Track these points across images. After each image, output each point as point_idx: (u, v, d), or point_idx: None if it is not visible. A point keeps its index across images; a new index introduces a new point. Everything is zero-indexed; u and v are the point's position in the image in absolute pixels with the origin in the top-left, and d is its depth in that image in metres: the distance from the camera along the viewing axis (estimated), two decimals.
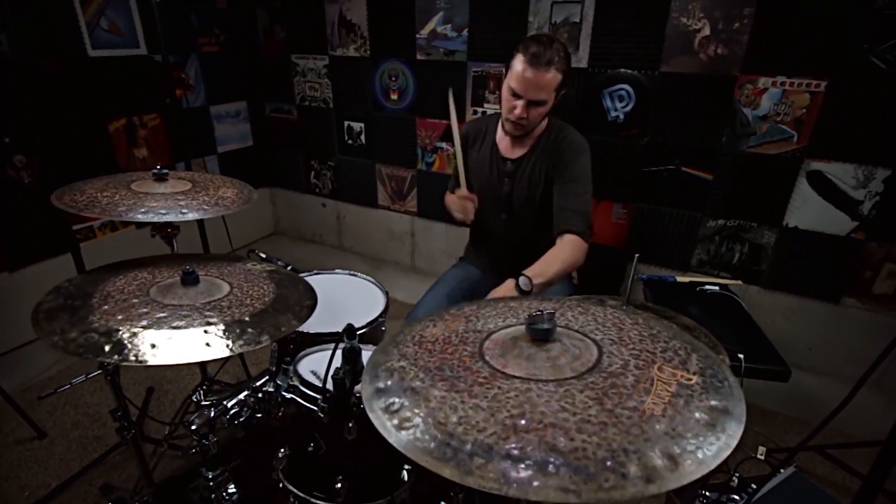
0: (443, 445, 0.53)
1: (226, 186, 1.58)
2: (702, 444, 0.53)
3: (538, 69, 1.37)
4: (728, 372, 0.67)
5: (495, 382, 0.63)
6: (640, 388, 0.61)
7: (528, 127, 1.51)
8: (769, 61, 2.05)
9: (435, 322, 0.83)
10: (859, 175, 2.05)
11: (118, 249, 2.82)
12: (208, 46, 3.10)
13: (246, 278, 1.16)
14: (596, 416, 0.56)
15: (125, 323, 0.96)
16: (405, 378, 0.67)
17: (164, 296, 1.10)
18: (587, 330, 0.77)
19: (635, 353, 0.69)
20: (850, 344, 2.29)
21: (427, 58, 2.75)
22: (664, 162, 2.37)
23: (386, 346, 0.78)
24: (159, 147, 2.93)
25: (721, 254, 2.42)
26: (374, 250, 3.48)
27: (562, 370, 0.65)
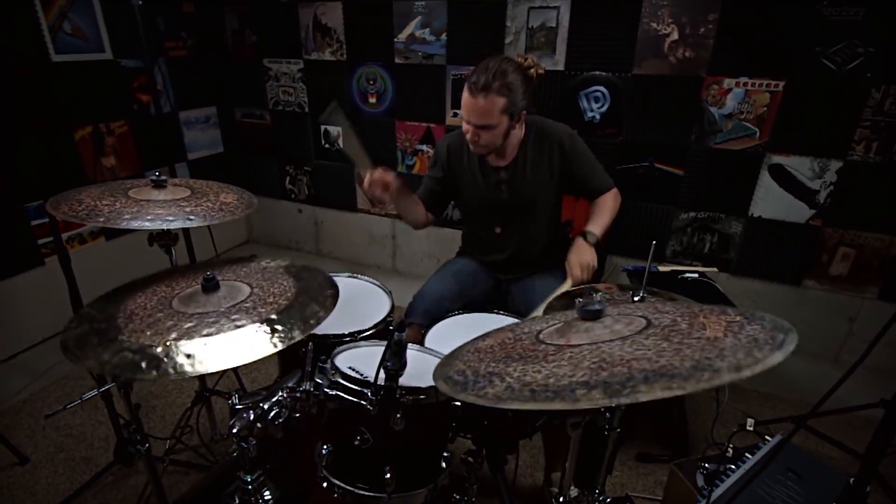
0: (540, 392, 0.57)
1: (225, 193, 1.56)
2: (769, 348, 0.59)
3: (474, 96, 1.42)
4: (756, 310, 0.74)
5: (566, 351, 0.68)
6: (695, 327, 0.67)
7: (490, 147, 1.55)
8: (733, 63, 2.20)
9: (483, 338, 0.87)
10: (815, 167, 2.24)
11: (112, 257, 2.74)
12: (176, 51, 3.02)
13: (263, 277, 1.16)
14: (669, 348, 0.62)
15: (156, 337, 0.95)
16: (479, 370, 0.70)
17: (188, 305, 1.09)
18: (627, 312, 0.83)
19: (678, 314, 0.76)
20: (811, 322, 2.49)
21: (406, 61, 2.78)
22: (639, 159, 2.50)
23: (444, 361, 0.81)
24: (127, 155, 2.82)
25: (693, 244, 2.57)
26: (354, 255, 3.46)
27: (621, 333, 0.70)
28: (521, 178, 1.65)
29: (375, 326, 1.51)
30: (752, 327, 0.65)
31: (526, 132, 1.64)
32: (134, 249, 2.65)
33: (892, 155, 2.10)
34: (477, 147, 1.55)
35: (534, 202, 1.68)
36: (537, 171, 1.64)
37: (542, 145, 1.63)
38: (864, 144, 2.14)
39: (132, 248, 2.75)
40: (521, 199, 1.67)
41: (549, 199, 1.71)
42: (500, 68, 1.42)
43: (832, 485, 1.41)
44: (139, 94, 2.82)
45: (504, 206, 1.69)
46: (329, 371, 0.99)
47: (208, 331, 0.96)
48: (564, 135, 1.62)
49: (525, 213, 1.70)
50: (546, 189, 1.68)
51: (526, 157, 1.64)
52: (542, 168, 1.64)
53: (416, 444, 0.97)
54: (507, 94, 1.43)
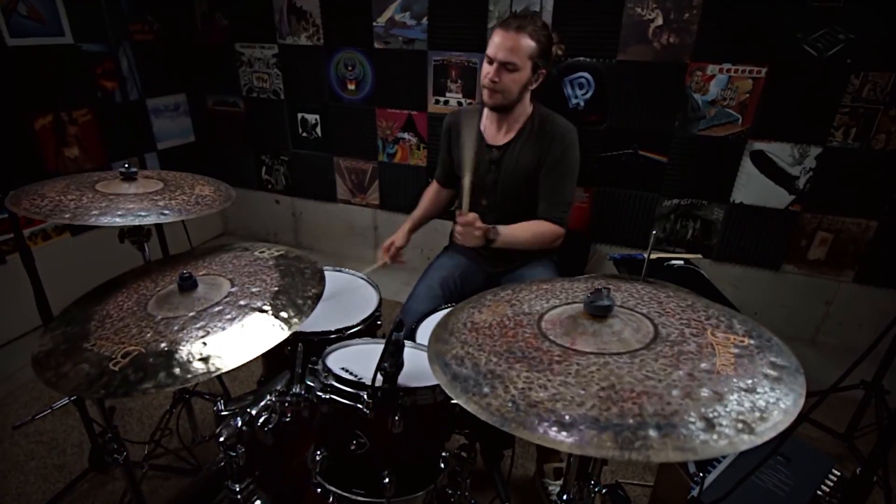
0: (547, 419, 0.54)
1: (200, 185, 1.48)
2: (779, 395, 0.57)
3: (507, 30, 1.45)
4: (769, 332, 0.73)
5: (571, 359, 0.65)
6: (704, 352, 0.65)
7: (506, 96, 1.52)
8: (716, 49, 2.20)
9: (479, 309, 0.84)
10: (795, 153, 2.26)
11: (79, 254, 2.61)
12: (141, 34, 2.86)
13: (249, 270, 1.10)
14: (678, 381, 0.60)
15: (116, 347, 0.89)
16: (479, 363, 0.67)
17: (161, 307, 1.03)
18: (630, 305, 0.80)
19: (685, 323, 0.74)
20: (790, 307, 2.54)
21: (385, 46, 2.70)
22: (622, 147, 2.49)
23: (440, 334, 0.77)
24: (92, 145, 2.67)
25: (676, 231, 2.58)
26: (334, 246, 3.39)
27: (629, 343, 0.68)
28: (509, 161, 1.63)
29: (363, 322, 1.46)
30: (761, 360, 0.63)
31: (532, 114, 1.62)
32: (102, 246, 2.53)
33: (869, 140, 2.14)
34: (493, 93, 1.52)
35: (518, 187, 1.65)
36: (527, 158, 1.61)
37: (541, 136, 1.60)
38: (842, 130, 2.17)
39: (100, 245, 2.63)
40: (506, 182, 1.65)
41: (534, 188, 1.67)
42: (534, 17, 1.49)
43: (819, 466, 1.44)
44: (103, 80, 2.67)
45: (490, 185, 1.67)
46: (321, 373, 0.94)
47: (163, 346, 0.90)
48: (565, 133, 1.59)
49: (509, 195, 1.67)
50: (531, 179, 1.64)
51: (521, 142, 1.61)
52: (532, 157, 1.60)
53: (415, 446, 0.94)
54: (538, 40, 1.46)
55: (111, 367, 0.88)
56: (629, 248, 2.69)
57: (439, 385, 0.70)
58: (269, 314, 0.91)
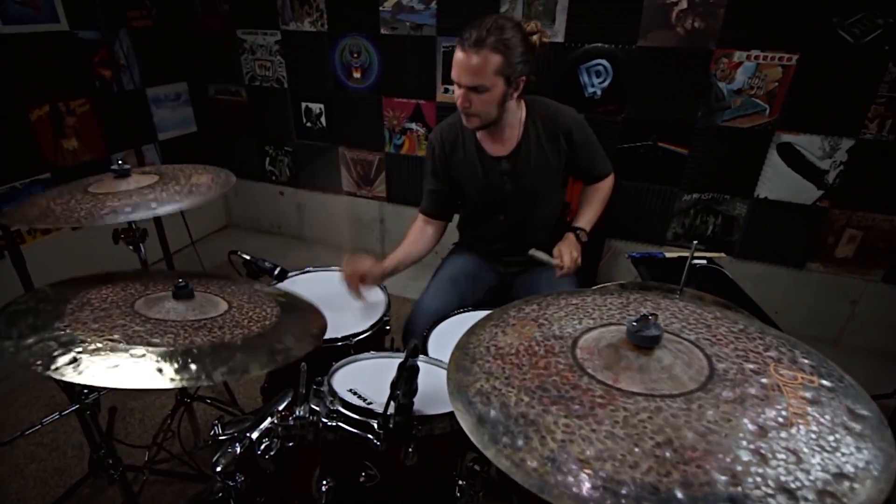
0: (599, 491, 0.46)
1: (198, 174, 1.40)
2: (867, 458, 0.49)
3: (466, 52, 1.26)
4: (834, 366, 0.64)
5: (617, 402, 0.56)
6: (771, 396, 0.56)
7: (483, 118, 1.38)
8: (744, 35, 2.07)
9: (503, 329, 0.75)
10: (825, 146, 2.14)
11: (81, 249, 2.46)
12: (139, 21, 2.76)
13: (250, 299, 1.02)
14: (746, 436, 0.51)
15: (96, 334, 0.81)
16: (508, 403, 0.58)
17: (150, 309, 0.95)
18: (675, 328, 0.71)
19: (741, 354, 0.65)
20: (813, 306, 2.44)
21: (392, 32, 2.58)
22: (641, 138, 2.37)
23: (460, 360, 0.68)
24: (91, 136, 2.59)
25: (695, 227, 2.47)
26: (340, 239, 3.31)
27: (681, 381, 0.59)
28: (524, 168, 1.50)
29: (372, 328, 1.39)
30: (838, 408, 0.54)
31: (528, 115, 1.49)
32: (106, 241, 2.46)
33: None
34: (469, 117, 1.38)
35: (538, 193, 1.55)
36: (542, 160, 1.49)
37: (547, 132, 1.48)
38: (877, 122, 2.04)
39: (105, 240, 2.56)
40: (525, 190, 1.53)
41: (555, 187, 1.58)
42: (496, 24, 1.26)
43: None
44: (100, 69, 2.58)
45: (507, 198, 1.55)
46: (327, 396, 0.86)
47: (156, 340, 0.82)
48: (573, 122, 1.48)
49: (529, 203, 1.56)
50: (551, 179, 1.55)
51: (529, 145, 1.48)
52: (548, 157, 1.49)
53: (430, 477, 0.86)
54: (504, 51, 1.26)
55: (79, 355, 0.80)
56: (645, 245, 2.59)
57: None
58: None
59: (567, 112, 1.50)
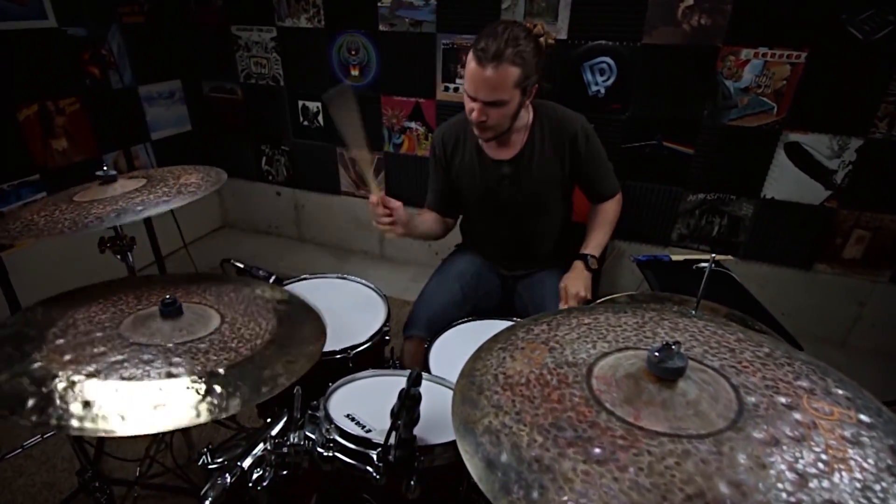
0: None
1: (187, 174, 1.34)
2: None
3: (485, 67, 1.20)
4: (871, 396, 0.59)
5: (640, 444, 0.51)
6: (808, 435, 0.52)
7: (497, 130, 1.34)
8: (752, 32, 2.02)
9: (512, 353, 0.70)
10: (834, 145, 2.09)
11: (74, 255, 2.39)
12: (131, 16, 2.69)
13: (246, 309, 0.97)
14: (785, 486, 0.46)
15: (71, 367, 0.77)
16: (520, 444, 0.53)
17: (136, 330, 0.90)
18: (696, 352, 0.66)
19: (771, 385, 0.60)
20: (820, 308, 2.39)
21: (391, 29, 2.52)
22: (646, 137, 2.32)
23: (466, 391, 0.63)
24: (82, 136, 2.52)
25: (700, 227, 2.43)
26: (338, 240, 3.25)
27: (709, 418, 0.54)
28: (526, 174, 1.44)
29: (371, 339, 1.34)
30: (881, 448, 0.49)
31: (535, 119, 1.43)
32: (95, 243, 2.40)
33: None
34: (484, 131, 1.34)
35: (540, 200, 1.50)
36: (545, 166, 1.44)
37: (553, 138, 1.43)
38: (887, 121, 1.99)
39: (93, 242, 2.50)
40: (525, 196, 1.48)
41: (558, 194, 1.52)
42: (511, 34, 1.21)
43: None
44: (91, 66, 2.51)
45: (506, 203, 1.50)
46: (322, 423, 0.81)
47: (132, 372, 0.78)
48: (580, 129, 1.42)
49: (530, 210, 1.51)
50: (554, 186, 1.49)
51: (533, 150, 1.43)
52: (552, 164, 1.44)
53: None
54: (521, 63, 1.22)
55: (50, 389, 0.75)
56: (649, 246, 2.54)
57: None
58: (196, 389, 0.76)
59: (576, 118, 1.44)
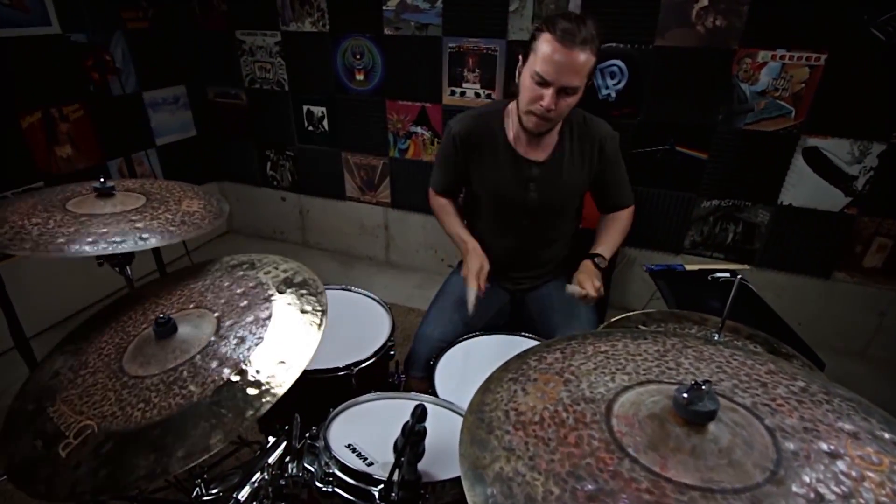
0: None
1: (188, 198, 1.30)
2: None
3: (572, 49, 1.13)
4: None
5: (669, 500, 0.46)
6: (856, 491, 0.46)
7: (556, 122, 1.30)
8: (769, 34, 1.95)
9: (524, 386, 0.65)
10: (855, 150, 2.02)
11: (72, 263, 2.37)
12: (135, 22, 2.67)
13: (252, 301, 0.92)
14: None
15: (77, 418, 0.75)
16: (534, 496, 0.48)
17: (134, 360, 0.87)
18: (725, 389, 0.61)
19: (810, 428, 0.54)
20: (839, 317, 2.32)
21: (396, 32, 2.48)
22: (658, 142, 2.26)
23: (475, 430, 0.58)
24: (86, 143, 2.51)
25: (714, 234, 2.36)
26: (343, 246, 3.21)
27: (744, 469, 0.49)
28: (554, 178, 1.39)
29: (376, 354, 1.29)
30: None
31: (565, 123, 1.38)
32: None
33: None
34: (545, 122, 1.26)
35: (561, 205, 1.45)
36: (574, 171, 1.39)
37: (583, 143, 1.38)
38: None
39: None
40: (550, 201, 1.42)
41: (577, 201, 1.49)
42: (591, 23, 1.18)
43: None
44: (95, 72, 2.49)
45: (529, 207, 1.43)
46: (322, 454, 0.77)
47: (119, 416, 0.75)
48: (607, 136, 1.39)
49: (550, 214, 1.46)
50: (577, 193, 1.46)
51: (563, 154, 1.38)
52: (579, 169, 1.39)
53: None
54: (596, 52, 1.19)
55: (59, 453, 0.72)
56: (661, 253, 2.48)
57: None
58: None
59: (603, 124, 1.41)
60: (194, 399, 0.71)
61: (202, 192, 1.32)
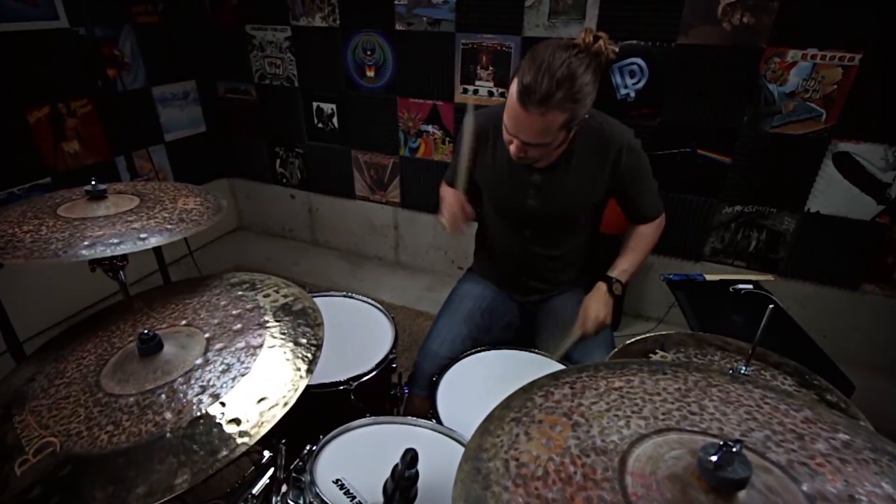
0: None
1: (185, 196, 1.26)
2: None
3: (528, 110, 1.04)
4: None
5: None
6: None
7: (537, 162, 1.21)
8: (800, 32, 1.84)
9: (527, 428, 0.58)
10: (889, 156, 1.91)
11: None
12: (145, 16, 2.63)
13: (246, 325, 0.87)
14: None
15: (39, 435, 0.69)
16: None
17: (114, 374, 0.82)
18: (756, 442, 0.54)
19: (857, 497, 0.47)
20: (867, 331, 2.21)
21: (408, 28, 2.41)
22: (679, 144, 2.16)
23: (470, 484, 0.52)
24: (93, 139, 2.48)
25: (736, 241, 2.26)
26: (352, 245, 3.16)
27: None
28: (558, 186, 1.30)
29: (376, 368, 1.24)
30: None
31: (578, 133, 1.25)
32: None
33: None
34: (519, 160, 1.20)
35: (568, 217, 1.35)
36: (581, 179, 1.29)
37: (596, 151, 1.27)
38: None
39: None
40: (551, 210, 1.33)
41: (589, 209, 1.38)
42: (568, 70, 1.02)
43: None
44: (103, 67, 2.46)
45: (530, 215, 1.35)
46: (307, 491, 0.71)
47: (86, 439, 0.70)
48: (626, 145, 1.25)
49: (555, 224, 1.37)
50: (586, 204, 1.34)
51: (571, 161, 1.27)
52: (588, 177, 1.29)
53: None
54: (573, 106, 1.06)
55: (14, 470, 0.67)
56: (680, 260, 2.38)
57: None
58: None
59: (623, 131, 1.27)
60: (167, 429, 0.65)
61: (197, 190, 1.27)
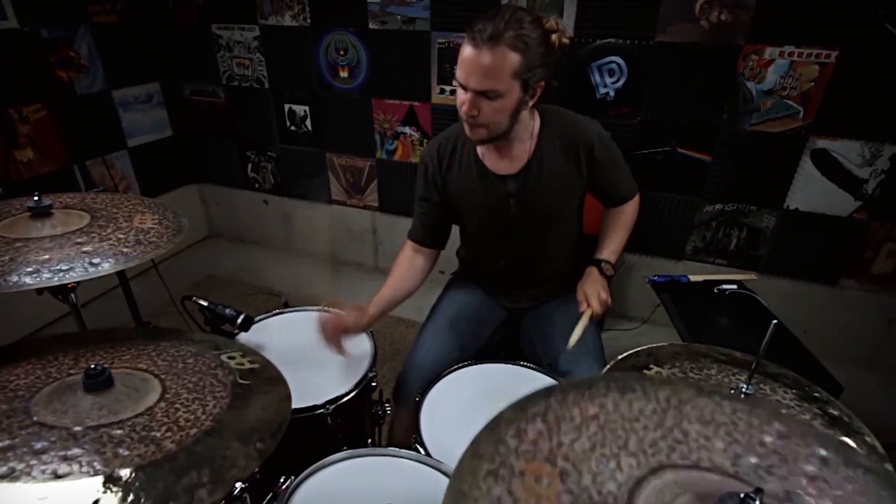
0: None
1: (141, 213, 1.16)
2: None
3: (478, 47, 1.03)
4: None
5: None
6: None
7: (492, 130, 1.14)
8: (777, 29, 1.84)
9: (509, 485, 0.51)
10: (866, 153, 1.92)
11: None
12: (102, 16, 2.50)
13: (198, 383, 0.79)
14: None
15: None
16: None
17: (49, 404, 0.74)
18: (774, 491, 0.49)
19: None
20: (846, 325, 2.22)
21: (382, 27, 2.33)
22: (659, 143, 2.14)
23: None
24: (49, 146, 2.34)
25: (717, 240, 2.25)
26: (330, 251, 3.07)
27: None
28: (535, 189, 1.26)
29: (356, 387, 1.17)
30: None
31: (543, 127, 1.25)
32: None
33: None
34: (475, 128, 1.14)
35: (551, 218, 1.31)
36: (557, 181, 1.25)
37: (565, 149, 1.24)
38: None
39: None
40: (535, 215, 1.29)
41: (572, 210, 1.35)
42: (514, 16, 1.04)
43: None
44: (58, 70, 2.33)
45: (512, 223, 1.31)
46: None
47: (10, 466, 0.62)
48: (595, 137, 1.24)
49: (540, 230, 1.33)
50: (567, 202, 1.31)
51: (542, 162, 1.24)
52: (564, 177, 1.26)
53: None
54: (523, 50, 1.04)
55: None
56: (661, 259, 2.37)
57: None
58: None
59: (590, 125, 1.26)
60: (112, 466, 0.58)
61: (154, 204, 1.18)
